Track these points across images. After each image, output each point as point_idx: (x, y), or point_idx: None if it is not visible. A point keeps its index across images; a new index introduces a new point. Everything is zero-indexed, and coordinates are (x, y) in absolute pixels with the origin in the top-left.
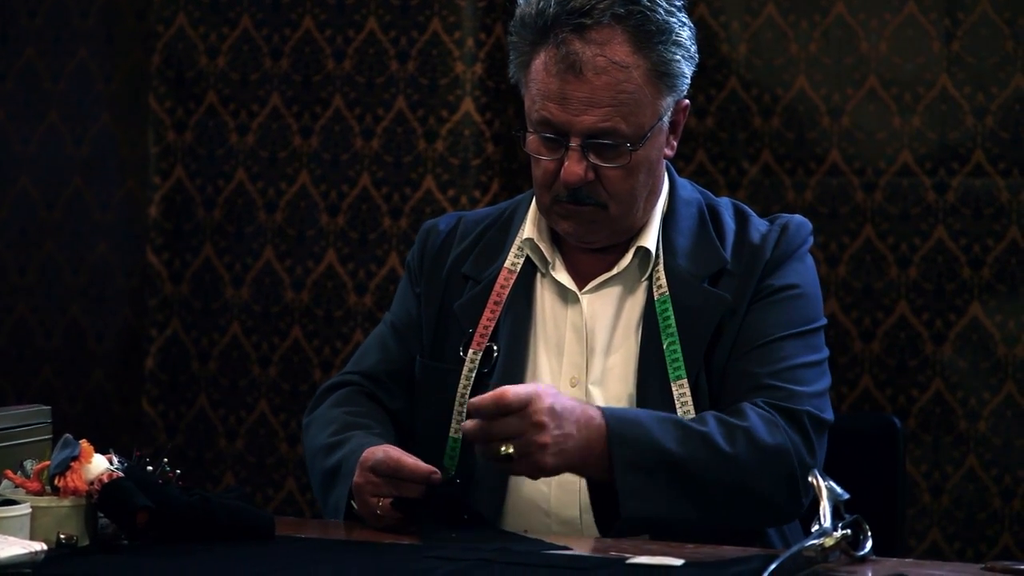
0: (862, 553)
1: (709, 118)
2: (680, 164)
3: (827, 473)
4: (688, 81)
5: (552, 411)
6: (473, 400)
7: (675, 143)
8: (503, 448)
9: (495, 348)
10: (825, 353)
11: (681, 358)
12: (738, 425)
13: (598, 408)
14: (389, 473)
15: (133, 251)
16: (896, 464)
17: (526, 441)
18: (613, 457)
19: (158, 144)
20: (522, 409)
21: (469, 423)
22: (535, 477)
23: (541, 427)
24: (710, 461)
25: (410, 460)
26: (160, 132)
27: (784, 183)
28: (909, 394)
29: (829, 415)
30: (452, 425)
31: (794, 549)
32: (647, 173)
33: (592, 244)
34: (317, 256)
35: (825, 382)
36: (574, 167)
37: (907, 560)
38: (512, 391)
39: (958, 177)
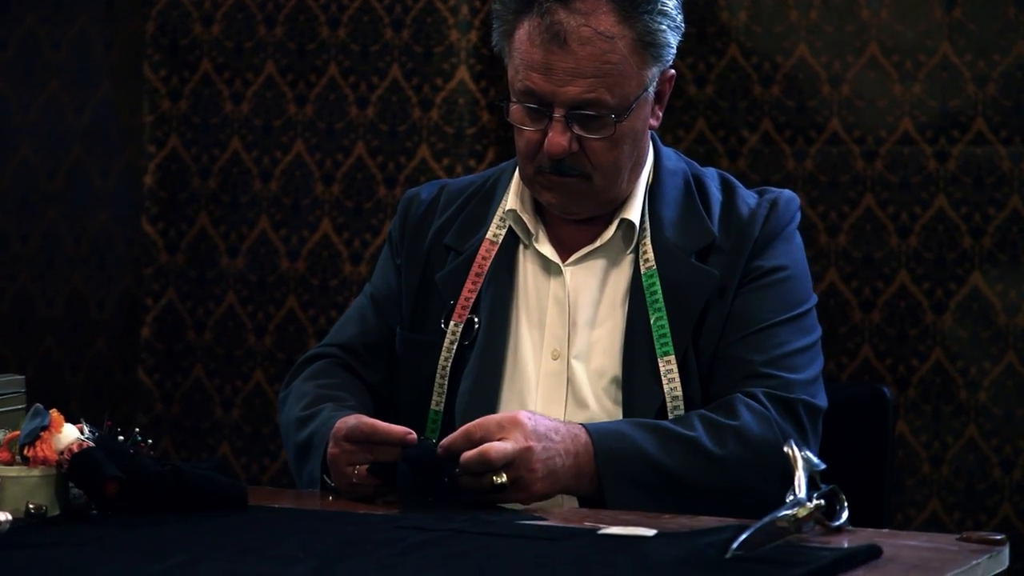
0: (837, 524)
1: (709, 86)
2: (680, 133)
3: (818, 443)
4: (674, 51)
5: (535, 434)
6: (464, 457)
7: (660, 113)
8: (495, 478)
9: (476, 320)
10: (817, 333)
11: (669, 334)
12: (727, 424)
13: (581, 425)
14: (363, 439)
15: (134, 220)
16: (885, 434)
17: (516, 467)
18: (601, 472)
19: (153, 113)
20: (500, 435)
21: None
22: (527, 503)
23: (529, 451)
24: (699, 466)
25: (384, 424)
26: (155, 101)
27: (784, 152)
28: (909, 364)
29: (822, 401)
30: (433, 398)
31: (766, 519)
32: (632, 144)
33: (576, 216)
34: (312, 225)
35: (818, 366)
36: (558, 138)
37: (883, 531)
38: (495, 448)
39: (959, 145)
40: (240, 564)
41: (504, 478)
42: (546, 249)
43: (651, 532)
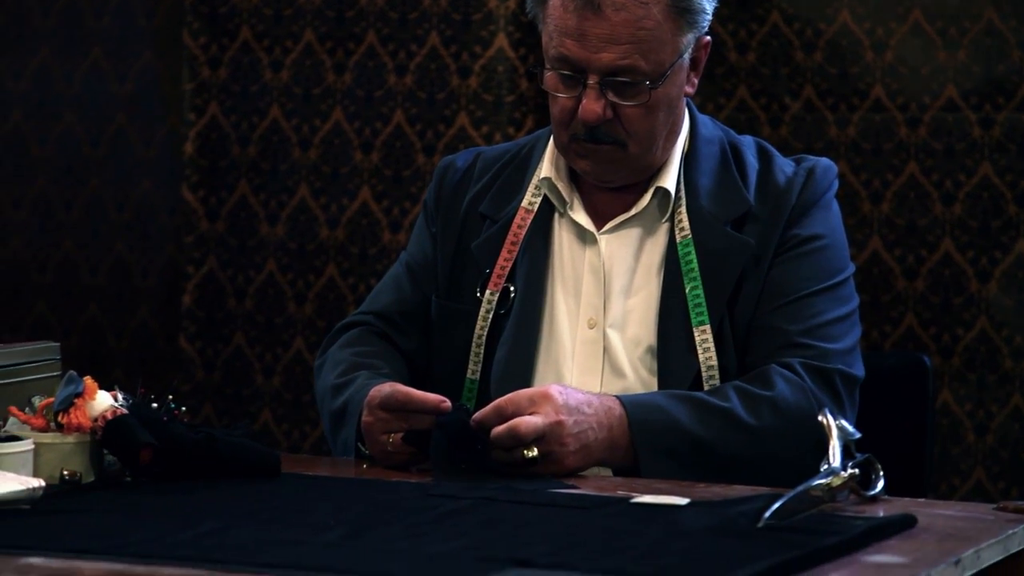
0: (873, 493)
1: (751, 53)
2: (721, 100)
3: (857, 413)
4: (709, 17)
5: (566, 408)
6: (495, 432)
7: (696, 81)
8: (526, 452)
9: (512, 289)
10: (855, 303)
11: (704, 303)
12: (762, 395)
13: (615, 397)
14: (398, 407)
15: (175, 188)
16: (926, 403)
17: (547, 442)
18: (636, 444)
19: (192, 81)
20: (532, 410)
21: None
22: (563, 475)
23: (560, 425)
24: (734, 437)
25: (419, 392)
26: (194, 68)
27: (827, 119)
28: (954, 333)
29: (859, 371)
30: (469, 367)
31: (800, 488)
32: (667, 111)
33: (610, 183)
34: (351, 193)
35: (855, 335)
36: (592, 105)
37: (919, 500)
38: (525, 423)
39: (1004, 112)
40: (270, 531)
41: (535, 452)
42: (581, 217)
43: (684, 501)
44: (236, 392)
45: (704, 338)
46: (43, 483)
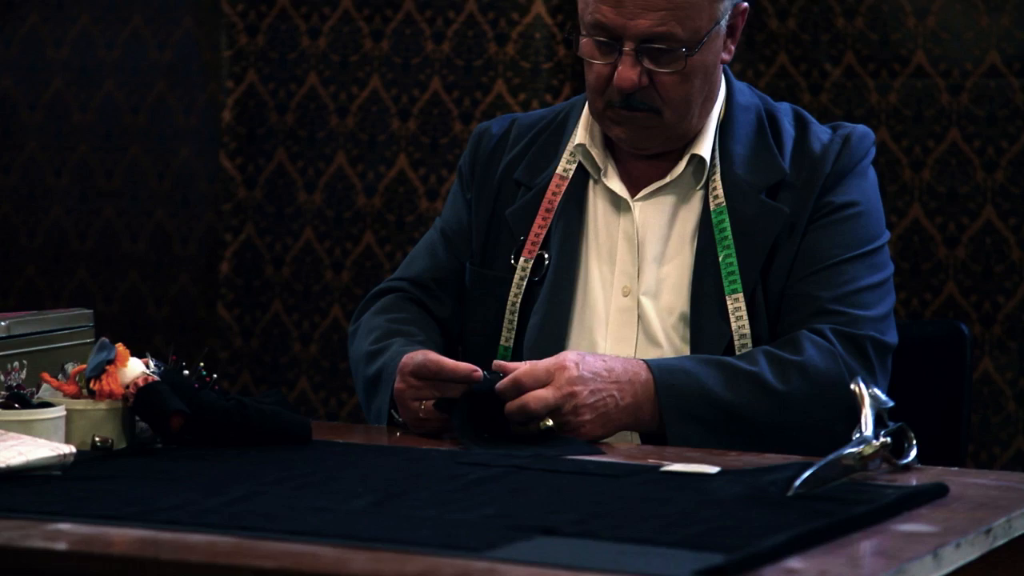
0: (905, 462)
1: (791, 19)
2: (761, 67)
3: (893, 382)
4: None
5: (580, 379)
6: (507, 408)
7: (733, 48)
8: (541, 424)
9: (546, 256)
10: (889, 271)
11: (737, 271)
12: (791, 360)
13: (643, 361)
14: (430, 376)
15: (214, 156)
16: (964, 372)
17: (562, 413)
18: (663, 409)
19: (231, 48)
20: (549, 382)
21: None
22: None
23: (572, 396)
24: (762, 402)
25: (450, 360)
26: (232, 35)
27: (868, 86)
28: (995, 301)
29: (892, 338)
30: (503, 334)
31: (831, 457)
32: (703, 79)
33: (645, 151)
34: (388, 161)
35: (889, 303)
36: (627, 72)
37: (952, 469)
38: (535, 398)
39: None
40: (298, 498)
41: (550, 423)
42: (615, 184)
43: (714, 469)
44: (274, 360)
45: (737, 306)
46: (74, 450)
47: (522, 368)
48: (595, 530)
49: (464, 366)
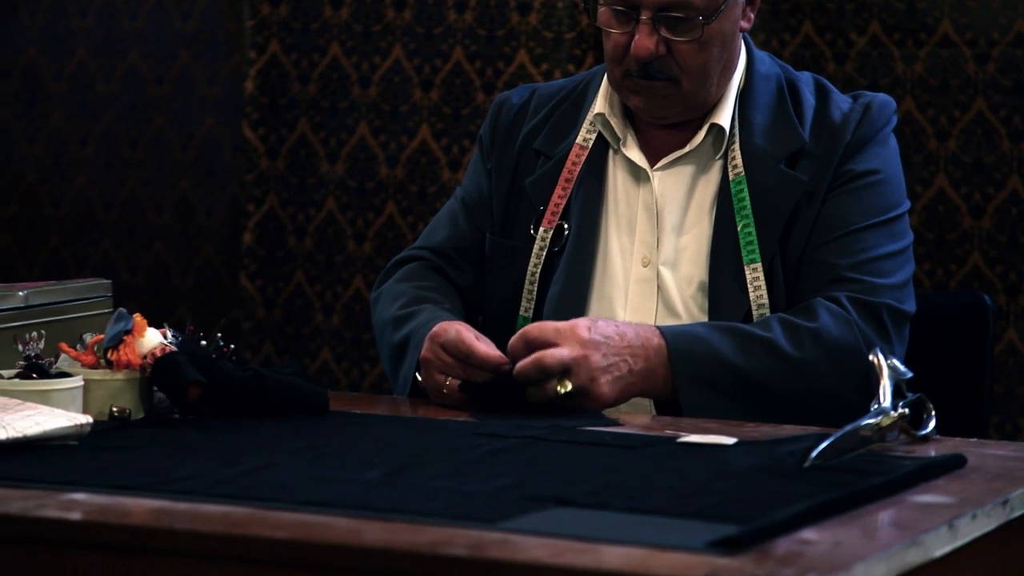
0: (924, 432)
1: None
2: (785, 37)
3: (915, 353)
4: None
5: (592, 343)
6: (520, 365)
7: (752, 16)
8: (559, 387)
9: (566, 226)
10: (908, 239)
11: (756, 241)
12: (805, 327)
13: (655, 328)
14: (460, 357)
15: (238, 127)
16: (986, 342)
17: (576, 378)
18: (675, 375)
19: (253, 18)
20: (558, 341)
21: (520, 365)
22: (600, 409)
23: (586, 359)
24: (775, 368)
25: (481, 348)
26: (255, 5)
27: (893, 55)
28: (1020, 271)
29: (910, 306)
30: (522, 304)
31: (848, 428)
32: (721, 47)
33: (664, 120)
34: (411, 131)
35: (907, 271)
36: (644, 41)
37: (971, 440)
38: (550, 355)
39: None
40: (313, 469)
41: (569, 386)
42: (634, 154)
43: (731, 441)
44: (296, 331)
45: (755, 276)
46: (91, 420)
47: (532, 324)
48: (609, 501)
49: (495, 356)
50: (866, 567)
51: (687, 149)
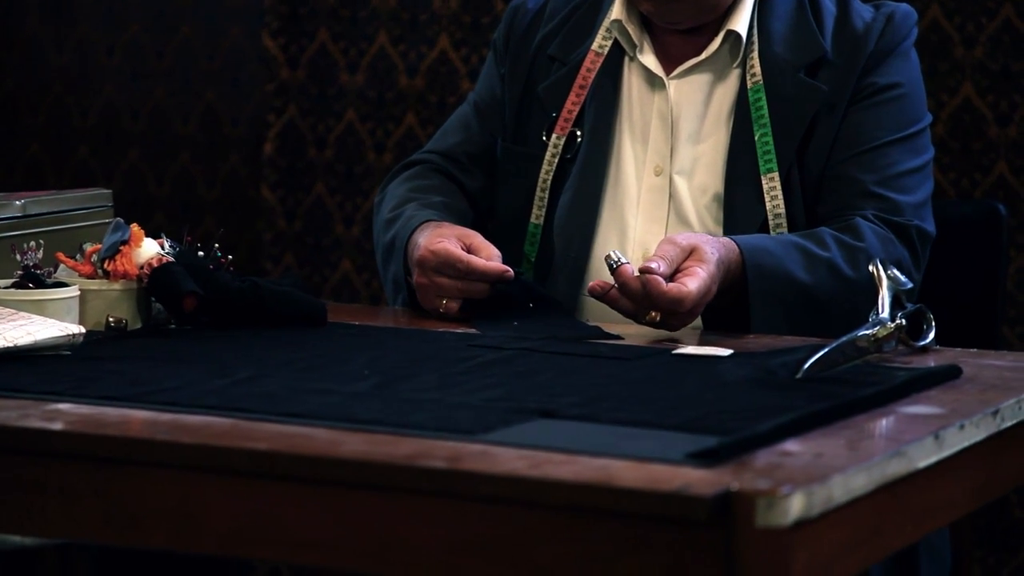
0: (923, 343)
1: None
2: None
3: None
4: None
5: (716, 276)
6: (658, 290)
7: None
8: (647, 317)
9: (579, 134)
10: (929, 155)
11: (773, 150)
12: (859, 247)
13: (731, 239)
14: (458, 276)
15: (261, 36)
16: (999, 252)
17: (673, 315)
18: (751, 291)
19: None
20: (691, 275)
21: (615, 294)
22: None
23: (706, 297)
24: (836, 289)
25: (479, 261)
26: None
27: None
28: None
29: (931, 227)
30: (533, 211)
31: (843, 339)
32: None
33: (677, 25)
34: (430, 41)
35: (927, 189)
36: None
37: (971, 350)
38: (688, 296)
39: None
40: (303, 380)
41: (657, 317)
42: (649, 61)
43: (726, 352)
44: (316, 242)
45: (772, 186)
46: (83, 330)
47: (658, 252)
48: (596, 413)
49: (495, 266)
50: (845, 478)
51: (703, 56)
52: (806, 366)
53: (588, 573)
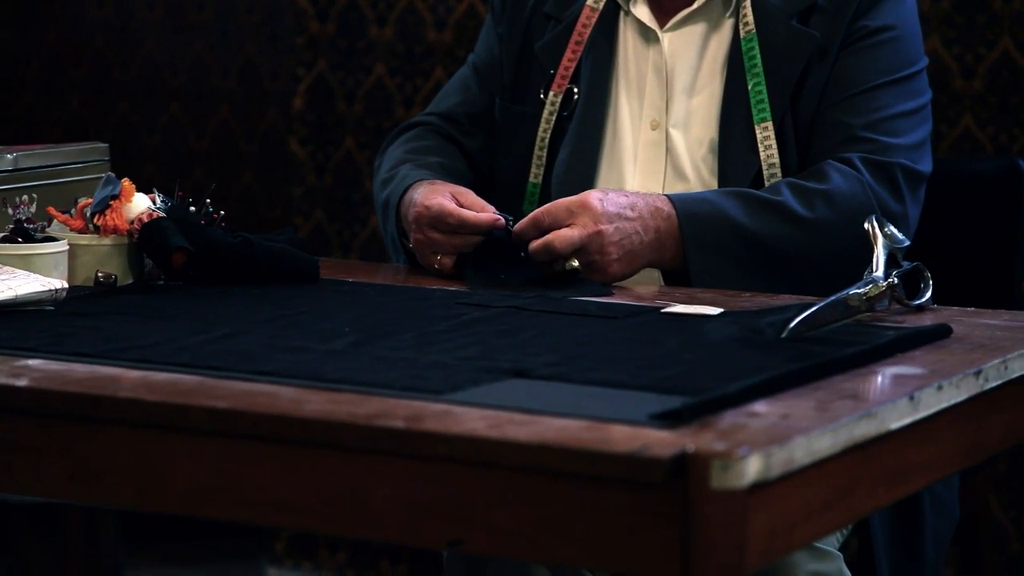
0: (918, 303)
1: None
2: None
3: (946, 220)
4: None
5: (606, 216)
6: (532, 247)
7: None
8: (567, 264)
9: (575, 90)
10: (926, 98)
11: (766, 99)
12: (816, 188)
13: (664, 196)
14: (451, 230)
15: None
16: (1020, 210)
17: (588, 252)
18: (686, 241)
19: None
20: (571, 221)
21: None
22: (610, 283)
23: (599, 235)
24: (786, 230)
25: (470, 214)
26: None
27: None
28: None
29: (925, 166)
30: (532, 170)
31: (834, 297)
32: None
33: None
34: None
35: (924, 131)
36: None
37: (969, 309)
38: (560, 237)
39: None
40: (282, 337)
41: (575, 263)
42: (643, 14)
43: (716, 311)
44: (346, 197)
45: (766, 135)
46: (66, 285)
47: (543, 207)
48: (568, 373)
49: (486, 217)
50: (808, 440)
51: (695, 6)
52: (791, 325)
53: (546, 535)
